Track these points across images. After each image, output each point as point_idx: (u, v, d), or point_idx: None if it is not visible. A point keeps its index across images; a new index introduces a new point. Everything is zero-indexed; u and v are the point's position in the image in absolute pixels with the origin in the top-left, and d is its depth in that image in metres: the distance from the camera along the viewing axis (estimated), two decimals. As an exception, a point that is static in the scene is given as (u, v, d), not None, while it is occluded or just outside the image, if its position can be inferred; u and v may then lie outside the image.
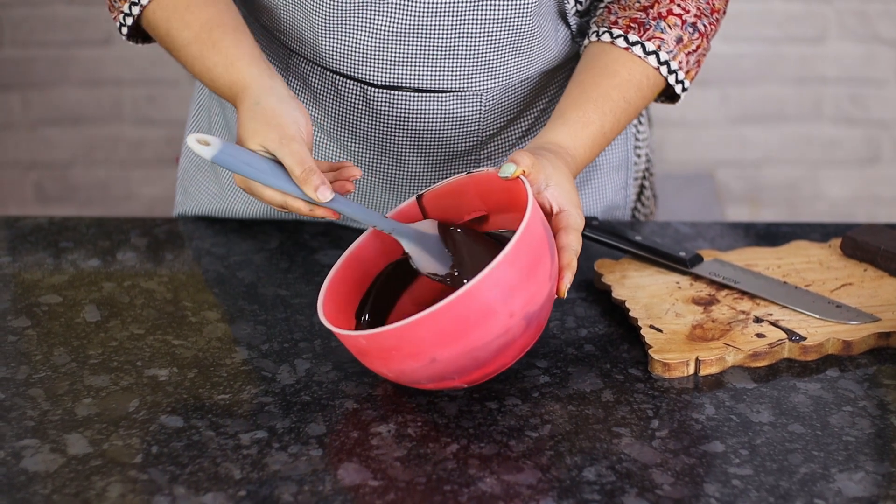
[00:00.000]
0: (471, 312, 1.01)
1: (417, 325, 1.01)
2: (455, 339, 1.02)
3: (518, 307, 1.04)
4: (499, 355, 1.06)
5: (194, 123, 1.50)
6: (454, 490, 0.99)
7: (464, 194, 1.17)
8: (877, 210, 2.93)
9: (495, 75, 1.31)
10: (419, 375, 1.06)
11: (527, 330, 1.06)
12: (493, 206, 1.18)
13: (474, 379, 1.08)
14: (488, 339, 1.03)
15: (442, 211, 1.18)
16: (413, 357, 1.03)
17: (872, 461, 1.03)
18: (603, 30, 1.28)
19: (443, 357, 1.03)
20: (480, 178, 1.15)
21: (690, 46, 1.28)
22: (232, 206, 1.45)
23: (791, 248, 1.35)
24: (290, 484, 1.00)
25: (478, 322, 1.02)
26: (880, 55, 2.81)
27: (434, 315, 1.01)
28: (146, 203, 2.95)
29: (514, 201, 1.13)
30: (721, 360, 1.16)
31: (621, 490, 1.00)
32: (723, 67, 2.83)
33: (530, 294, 1.05)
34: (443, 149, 1.34)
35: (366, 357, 1.07)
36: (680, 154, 2.91)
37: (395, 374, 1.07)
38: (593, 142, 1.24)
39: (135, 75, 2.85)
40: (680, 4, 1.28)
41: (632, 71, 1.26)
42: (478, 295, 1.01)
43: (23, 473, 1.01)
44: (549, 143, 1.20)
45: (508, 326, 1.04)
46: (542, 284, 1.06)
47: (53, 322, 1.23)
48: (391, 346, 1.03)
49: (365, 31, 1.26)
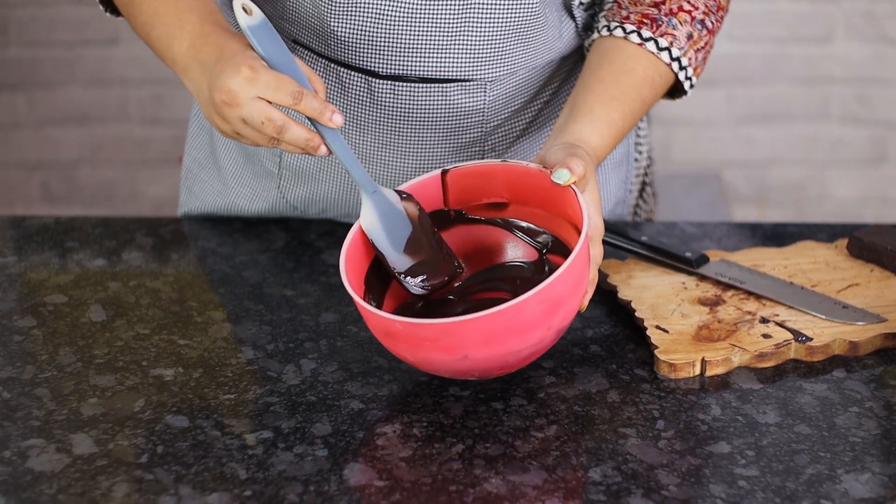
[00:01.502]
0: (517, 322, 1.03)
1: (462, 326, 1.02)
2: (493, 343, 1.04)
3: (557, 321, 1.06)
4: (524, 360, 1.08)
5: (196, 122, 1.50)
6: (460, 490, 0.99)
7: (491, 179, 1.18)
8: (884, 210, 2.92)
9: (500, 65, 1.31)
10: (445, 367, 1.07)
11: (553, 340, 1.09)
12: (516, 197, 1.18)
13: (491, 375, 1.10)
14: (523, 347, 1.05)
15: (463, 190, 1.18)
16: (446, 351, 1.04)
17: (879, 462, 1.03)
18: (615, 24, 1.29)
19: (475, 356, 1.04)
20: (512, 168, 1.16)
21: (699, 43, 1.29)
22: (236, 203, 1.45)
23: (797, 249, 1.34)
24: (296, 484, 1.00)
25: (520, 331, 1.04)
26: (887, 55, 2.81)
27: (482, 319, 1.02)
28: (152, 203, 2.95)
29: (542, 199, 1.15)
30: (727, 360, 1.15)
31: (627, 491, 0.99)
32: (729, 67, 2.82)
33: (570, 309, 1.07)
34: (447, 140, 1.34)
35: (391, 339, 1.07)
36: (686, 154, 2.91)
37: (418, 360, 1.07)
38: (614, 142, 1.25)
39: (141, 75, 2.86)
40: (689, 1, 1.29)
41: (647, 69, 1.27)
42: (529, 307, 1.03)
43: (28, 473, 1.01)
44: (580, 141, 1.20)
45: (543, 337, 1.06)
46: (578, 300, 1.09)
47: (59, 322, 1.24)
48: (427, 337, 1.04)
49: (372, 16, 1.26)
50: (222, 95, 1.09)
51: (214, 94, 1.10)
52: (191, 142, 1.51)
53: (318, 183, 1.40)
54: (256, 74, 1.08)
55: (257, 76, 1.08)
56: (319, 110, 1.09)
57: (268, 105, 1.08)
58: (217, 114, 1.11)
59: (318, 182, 1.40)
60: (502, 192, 1.18)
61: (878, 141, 2.87)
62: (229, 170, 1.45)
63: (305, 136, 1.10)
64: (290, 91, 1.08)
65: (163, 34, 1.19)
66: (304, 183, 1.40)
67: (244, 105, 1.09)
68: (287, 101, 1.08)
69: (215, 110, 1.11)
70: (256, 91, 1.08)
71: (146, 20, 1.21)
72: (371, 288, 1.15)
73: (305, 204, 1.43)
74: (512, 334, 1.04)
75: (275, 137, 1.10)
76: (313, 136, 1.10)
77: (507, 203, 1.19)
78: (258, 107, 1.08)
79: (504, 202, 1.19)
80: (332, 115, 1.09)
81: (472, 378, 1.11)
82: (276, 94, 1.08)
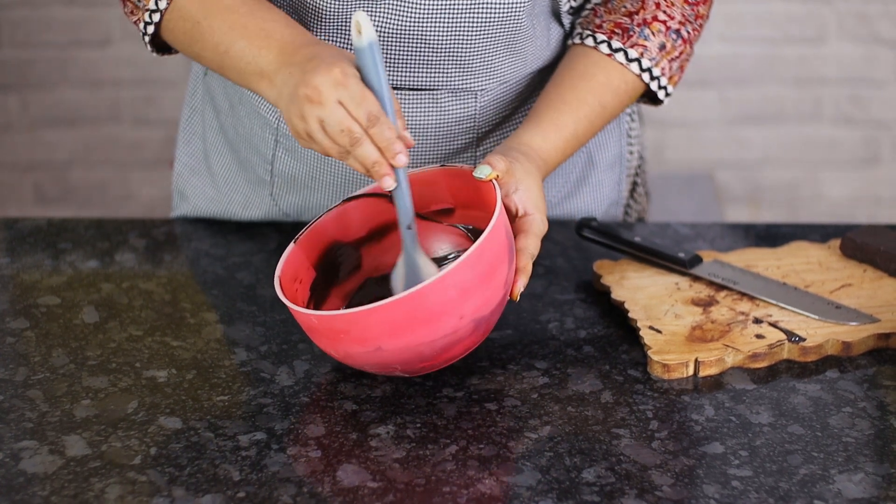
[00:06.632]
0: (422, 310, 1.04)
1: (368, 314, 1.03)
2: (402, 332, 1.04)
3: (469, 310, 1.06)
4: (442, 353, 1.08)
5: (187, 127, 1.50)
6: (453, 491, 0.99)
7: (434, 185, 1.20)
8: (876, 211, 2.93)
9: (490, 74, 1.31)
10: (363, 360, 1.08)
11: (474, 332, 1.08)
12: (460, 201, 1.20)
13: (416, 370, 1.10)
14: (435, 337, 1.06)
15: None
16: (360, 343, 1.06)
17: (872, 462, 1.03)
18: (587, 33, 1.30)
19: (388, 347, 1.05)
20: (453, 172, 1.18)
21: (673, 53, 1.30)
22: (229, 209, 1.45)
23: (790, 249, 1.35)
24: (289, 485, 1.00)
25: (427, 320, 1.04)
26: (880, 56, 2.81)
27: (386, 307, 1.03)
28: (145, 204, 2.95)
29: (481, 200, 1.16)
30: (720, 361, 1.15)
31: (620, 491, 1.00)
32: (722, 68, 2.83)
33: (484, 299, 1.07)
34: (438, 147, 1.34)
35: (315, 335, 1.09)
36: (679, 155, 2.91)
37: (341, 355, 1.09)
38: (566, 144, 1.26)
39: (133, 76, 2.85)
40: (665, 11, 1.29)
41: (609, 75, 1.28)
42: (432, 294, 1.03)
43: (21, 475, 1.01)
44: (521, 144, 1.22)
45: (457, 328, 1.06)
46: (497, 290, 1.08)
47: (52, 323, 1.23)
48: (340, 329, 1.06)
49: None
50: (308, 90, 1.07)
51: (300, 88, 1.08)
52: (182, 147, 1.51)
53: (310, 191, 1.40)
54: (347, 80, 1.06)
55: (347, 82, 1.06)
56: (389, 141, 1.06)
57: (349, 116, 1.06)
58: (297, 110, 1.09)
59: (310, 190, 1.40)
60: (447, 197, 1.20)
61: (870, 141, 2.87)
62: (222, 176, 1.45)
63: (375, 157, 1.07)
64: (368, 110, 1.06)
65: (245, 47, 1.17)
66: (297, 191, 1.40)
67: (326, 106, 1.07)
68: (362, 118, 1.06)
69: (297, 106, 1.09)
70: (340, 95, 1.06)
71: (220, 39, 1.19)
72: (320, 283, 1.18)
73: (298, 211, 1.43)
74: (419, 323, 1.04)
75: (346, 150, 1.08)
76: (383, 162, 1.08)
77: (453, 209, 1.20)
78: (341, 114, 1.07)
79: (450, 208, 1.20)
80: (398, 155, 1.07)
81: (399, 374, 1.11)
82: (357, 108, 1.06)
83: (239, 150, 1.43)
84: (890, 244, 1.30)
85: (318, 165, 1.37)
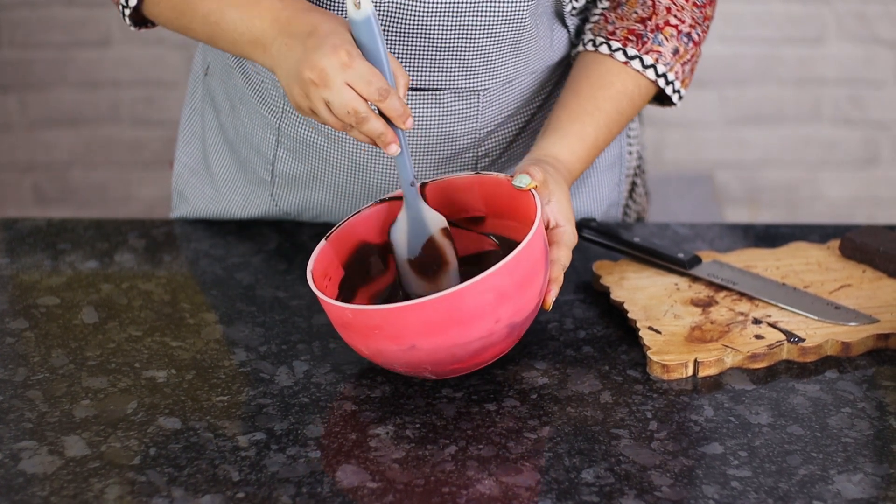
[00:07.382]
0: (459, 311, 1.04)
1: (404, 311, 1.03)
2: (438, 331, 1.04)
3: (505, 315, 1.06)
4: (475, 355, 1.08)
5: (187, 128, 1.50)
6: (452, 492, 0.99)
7: (467, 192, 1.20)
8: (876, 211, 2.93)
9: (493, 74, 1.31)
10: (395, 358, 1.07)
11: (507, 337, 1.08)
12: (493, 210, 1.20)
13: (446, 372, 1.10)
14: (469, 339, 1.06)
15: (441, 204, 1.20)
16: (393, 340, 1.05)
17: (871, 463, 1.03)
18: (601, 40, 1.30)
19: (422, 346, 1.05)
20: (487, 180, 1.18)
21: (686, 56, 1.31)
22: (228, 210, 1.45)
23: (790, 250, 1.35)
24: (289, 486, 1.00)
25: (463, 321, 1.04)
26: (879, 56, 2.81)
27: (422, 305, 1.03)
28: (144, 204, 2.95)
29: (514, 209, 1.16)
30: (720, 361, 1.15)
31: (620, 492, 1.00)
32: (722, 68, 2.83)
33: (520, 305, 1.07)
34: (440, 147, 1.34)
35: (347, 330, 1.08)
36: (678, 155, 2.91)
37: (372, 352, 1.08)
38: (588, 154, 1.27)
39: (133, 76, 2.85)
40: (676, 15, 1.29)
41: (626, 83, 1.29)
42: (470, 296, 1.03)
43: (21, 475, 1.01)
44: (548, 156, 1.24)
45: (492, 331, 1.06)
46: (532, 297, 1.09)
47: (51, 324, 1.23)
48: (375, 325, 1.05)
49: None
50: (313, 74, 1.09)
51: (305, 70, 1.09)
52: (182, 147, 1.51)
53: (311, 191, 1.40)
54: (352, 62, 1.08)
55: (353, 64, 1.08)
56: (399, 111, 1.09)
57: (356, 96, 1.08)
58: (300, 89, 1.11)
59: (311, 190, 1.40)
60: (479, 206, 1.20)
61: (869, 142, 2.87)
62: (222, 177, 1.45)
63: (381, 129, 1.10)
64: (378, 87, 1.08)
65: (237, 17, 1.18)
66: (297, 191, 1.40)
67: (333, 89, 1.08)
68: (374, 96, 1.08)
69: (300, 86, 1.11)
70: (348, 77, 1.08)
71: (212, 9, 1.20)
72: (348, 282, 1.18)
73: (298, 211, 1.43)
74: (455, 323, 1.04)
75: (351, 125, 1.10)
76: (388, 132, 1.11)
77: (484, 217, 1.21)
78: (348, 95, 1.08)
79: (481, 216, 1.21)
80: (408, 118, 1.10)
81: (428, 376, 1.11)
82: (367, 88, 1.08)
83: (239, 150, 1.43)
84: (889, 245, 1.30)
85: (320, 165, 1.37)
